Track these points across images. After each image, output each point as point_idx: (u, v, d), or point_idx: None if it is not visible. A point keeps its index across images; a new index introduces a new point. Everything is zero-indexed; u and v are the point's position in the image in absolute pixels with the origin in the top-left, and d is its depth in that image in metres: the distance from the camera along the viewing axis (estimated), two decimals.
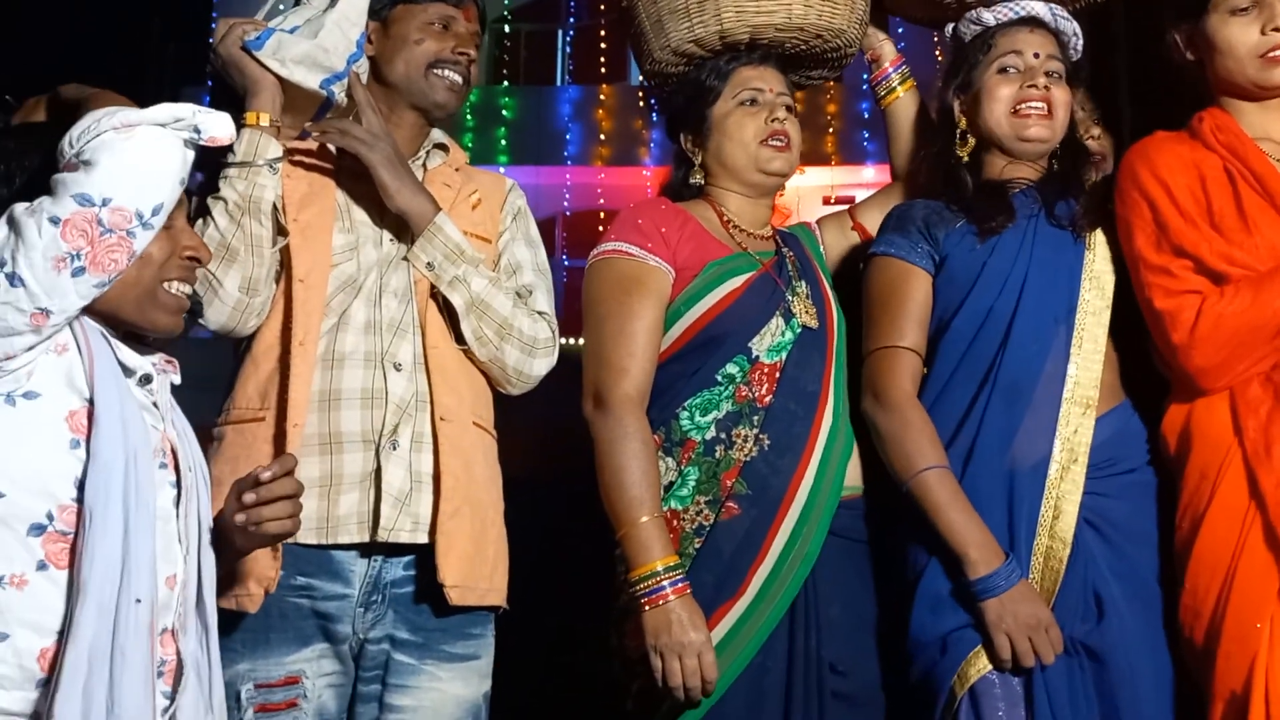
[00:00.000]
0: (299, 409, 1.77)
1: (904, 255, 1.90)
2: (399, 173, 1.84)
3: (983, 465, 1.79)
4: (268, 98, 1.85)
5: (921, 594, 1.79)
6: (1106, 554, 1.79)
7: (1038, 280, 1.84)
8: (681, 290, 1.90)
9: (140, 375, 1.42)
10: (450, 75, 1.94)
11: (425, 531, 1.79)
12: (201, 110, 1.38)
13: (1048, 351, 1.82)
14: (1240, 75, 1.83)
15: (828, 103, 9.36)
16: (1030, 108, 1.90)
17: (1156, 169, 1.80)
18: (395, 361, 1.82)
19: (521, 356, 1.89)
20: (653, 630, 1.73)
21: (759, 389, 1.87)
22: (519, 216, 2.03)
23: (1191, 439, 1.75)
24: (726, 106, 1.99)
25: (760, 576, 1.80)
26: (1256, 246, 1.73)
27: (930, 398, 1.86)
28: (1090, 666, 1.75)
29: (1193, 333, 1.71)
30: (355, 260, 1.86)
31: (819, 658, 1.81)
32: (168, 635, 1.38)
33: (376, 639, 1.79)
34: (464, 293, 1.85)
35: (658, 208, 1.98)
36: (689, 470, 1.85)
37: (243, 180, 1.82)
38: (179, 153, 1.36)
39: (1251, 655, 1.62)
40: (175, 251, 1.44)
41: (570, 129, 9.74)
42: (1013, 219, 1.87)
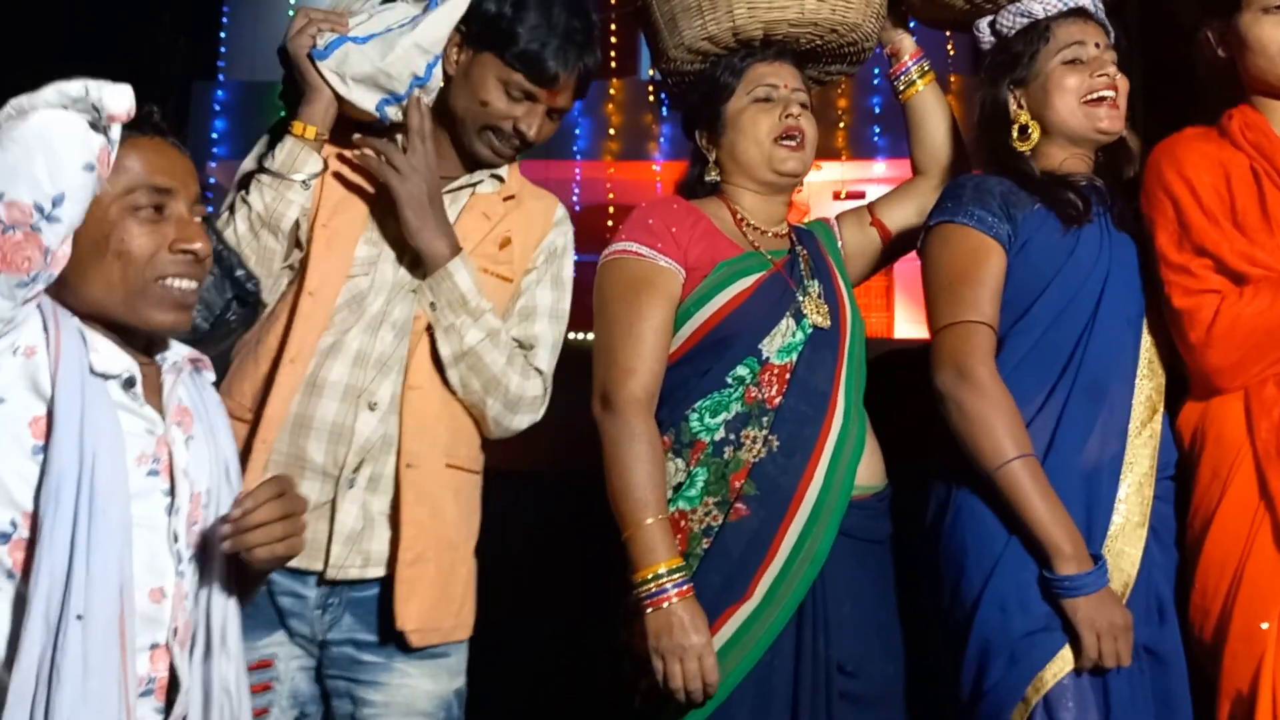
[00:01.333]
0: (271, 427, 1.77)
1: (986, 229, 1.82)
2: (423, 212, 1.80)
3: (1061, 461, 1.75)
4: (320, 110, 1.81)
5: (990, 594, 1.74)
6: (1162, 556, 1.78)
7: (1117, 280, 1.82)
8: (692, 290, 1.89)
9: (124, 378, 1.34)
10: (500, 144, 1.86)
11: (377, 567, 1.78)
12: (96, 84, 1.24)
13: (1123, 352, 1.81)
14: (1272, 74, 1.81)
15: (838, 97, 9.33)
16: (1101, 96, 1.87)
17: (1182, 167, 1.79)
18: (371, 401, 1.80)
19: (503, 411, 1.87)
20: (655, 632, 1.73)
21: (769, 390, 1.86)
22: (553, 257, 1.97)
23: (1205, 438, 1.75)
24: (741, 103, 1.98)
25: (768, 578, 1.80)
26: (1279, 248, 1.72)
27: None
28: (1150, 669, 1.74)
29: (1210, 332, 1.71)
30: (371, 276, 1.84)
31: (827, 658, 1.80)
32: (160, 651, 1.34)
33: (338, 641, 1.79)
34: (455, 343, 1.82)
35: (669, 207, 1.97)
36: (697, 471, 1.84)
37: (273, 190, 1.79)
38: (78, 136, 1.23)
39: (1258, 655, 1.63)
40: (165, 245, 1.35)
41: (580, 123, 9.71)
42: (1090, 212, 1.84)
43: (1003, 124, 1.93)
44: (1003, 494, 1.72)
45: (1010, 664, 1.71)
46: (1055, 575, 1.69)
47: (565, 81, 1.85)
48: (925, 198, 2.05)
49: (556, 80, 1.83)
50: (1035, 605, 1.71)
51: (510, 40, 1.81)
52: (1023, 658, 1.70)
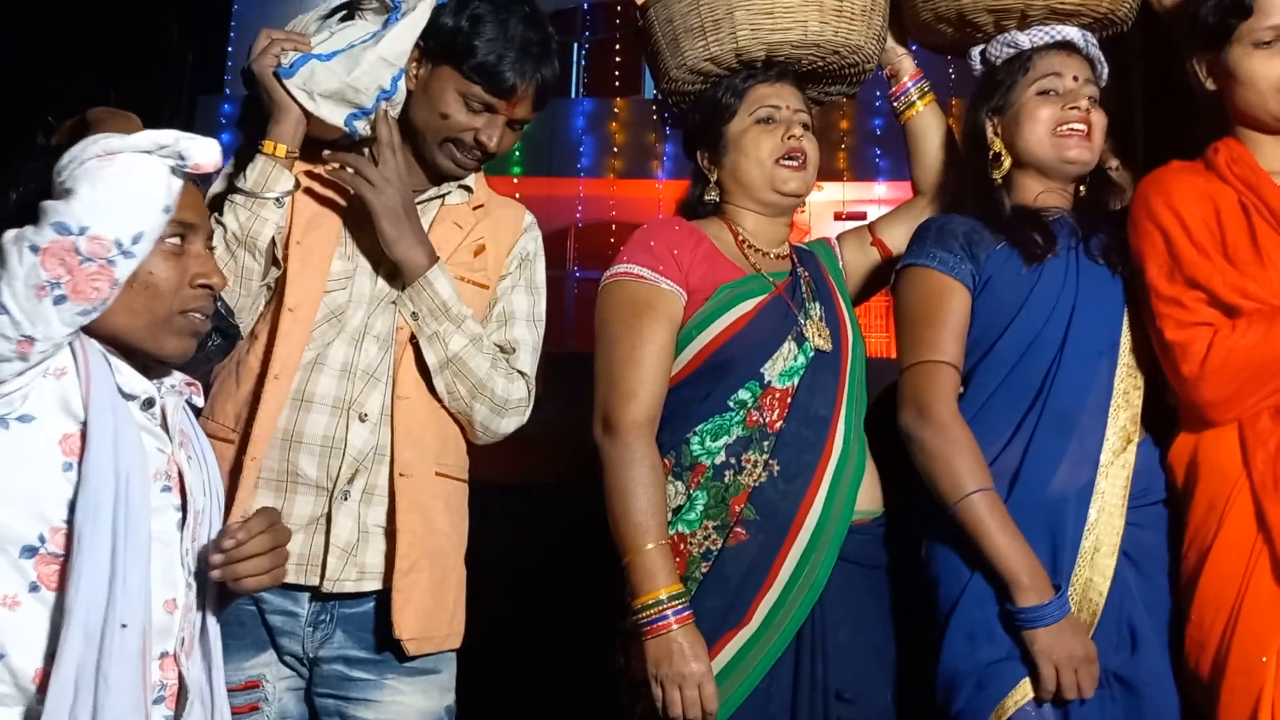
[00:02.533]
0: (260, 443, 1.77)
1: (948, 270, 1.86)
2: (400, 223, 1.81)
3: (1027, 492, 1.77)
4: (289, 128, 1.83)
5: (957, 622, 1.77)
6: (1139, 583, 1.78)
7: (1085, 311, 1.83)
8: (693, 313, 1.89)
9: (143, 399, 1.41)
10: (462, 156, 1.88)
11: (373, 580, 1.79)
12: (186, 136, 1.34)
13: (1093, 384, 1.81)
14: (1261, 109, 1.81)
15: (840, 119, 9.38)
16: (1071, 129, 1.89)
17: (1171, 200, 1.79)
18: (362, 412, 1.81)
19: (490, 415, 1.88)
20: (654, 659, 1.72)
21: (770, 414, 1.86)
22: (525, 262, 1.99)
23: (1199, 470, 1.74)
24: (743, 124, 1.99)
25: (767, 604, 1.79)
26: (1270, 280, 1.72)
27: (966, 417, 1.82)
28: (1122, 698, 1.74)
29: (1203, 365, 1.70)
30: (349, 290, 1.85)
31: (825, 684, 1.79)
32: (169, 660, 1.38)
33: (329, 658, 1.79)
34: (439, 350, 1.83)
35: (670, 229, 1.96)
36: (697, 494, 1.84)
37: (246, 210, 1.80)
38: (162, 180, 1.33)
39: (1257, 689, 1.61)
40: (187, 280, 1.42)
41: (584, 141, 9.76)
42: (1055, 246, 1.86)
43: (980, 150, 1.96)
44: (963, 528, 1.75)
45: (976, 690, 1.73)
46: (1015, 607, 1.71)
47: (523, 92, 1.87)
48: (925, 217, 2.07)
49: (514, 91, 1.85)
50: (1001, 636, 1.73)
51: (468, 53, 1.83)
52: (988, 684, 1.72)
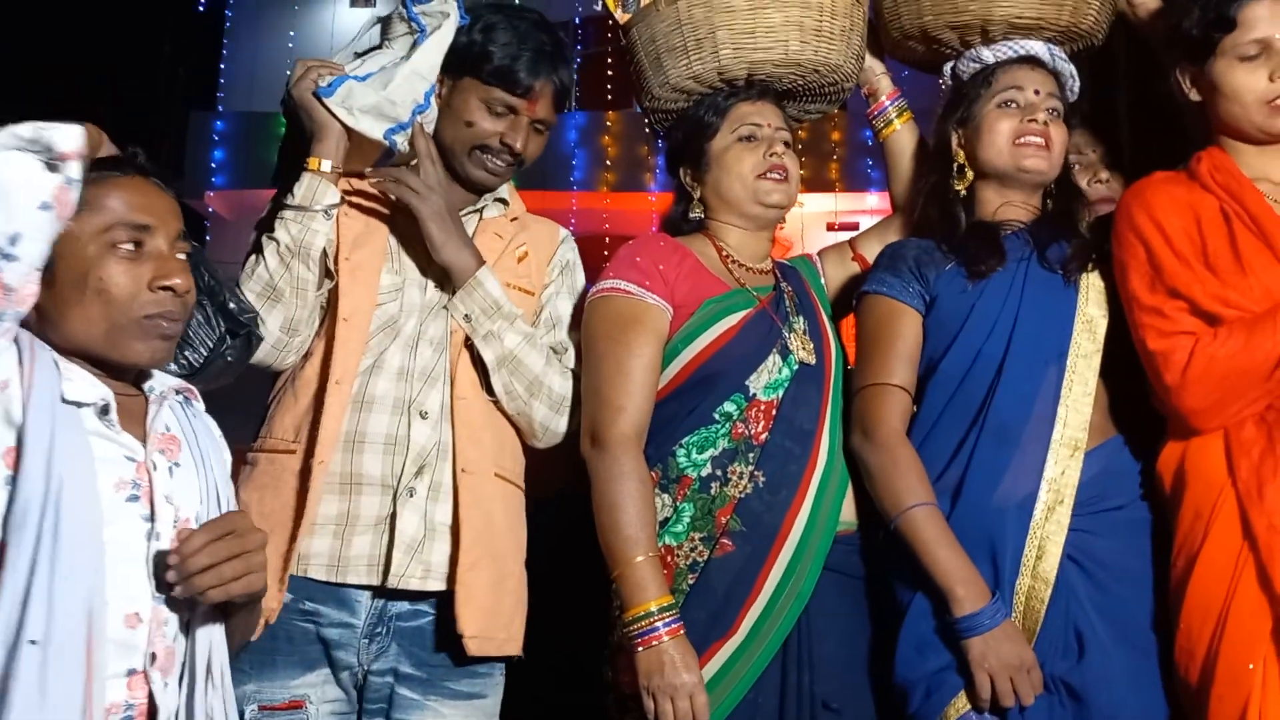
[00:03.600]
0: (327, 446, 1.80)
1: (895, 294, 1.91)
2: (446, 226, 1.87)
3: (969, 504, 1.79)
4: (331, 145, 1.90)
5: (906, 632, 1.79)
6: (1091, 591, 1.78)
7: (1029, 323, 1.85)
8: (679, 327, 1.90)
9: (99, 405, 1.36)
10: (492, 162, 1.95)
11: (437, 579, 1.81)
12: (46, 126, 1.27)
13: (1037, 394, 1.82)
14: (1245, 121, 1.82)
15: (831, 130, 9.41)
16: (1029, 140, 1.92)
17: (1152, 210, 1.80)
18: (422, 410, 1.85)
19: (549, 414, 1.92)
20: (646, 671, 1.72)
21: (755, 426, 1.87)
22: (566, 270, 2.06)
23: (1186, 478, 1.75)
24: (725, 141, 2.00)
25: (753, 614, 1.80)
26: (1251, 288, 1.72)
27: (918, 438, 1.87)
28: (1070, 705, 1.75)
29: (1185, 374, 1.71)
30: (399, 301, 1.90)
31: (812, 694, 1.80)
32: (137, 678, 1.33)
33: (380, 671, 1.81)
34: (496, 348, 1.88)
35: (655, 244, 1.98)
36: (684, 506, 1.85)
37: (297, 224, 1.87)
38: (33, 176, 1.25)
39: (1244, 697, 1.61)
40: (144, 282, 1.38)
41: (576, 154, 9.79)
42: (1002, 262, 1.88)
43: (945, 163, 2.00)
44: (904, 542, 1.78)
45: (924, 699, 1.76)
46: (952, 617, 1.73)
47: (541, 90, 1.95)
48: (904, 233, 2.09)
49: (532, 90, 1.93)
50: (942, 646, 1.76)
51: (485, 59, 1.93)
52: (934, 692, 1.75)
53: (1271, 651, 1.61)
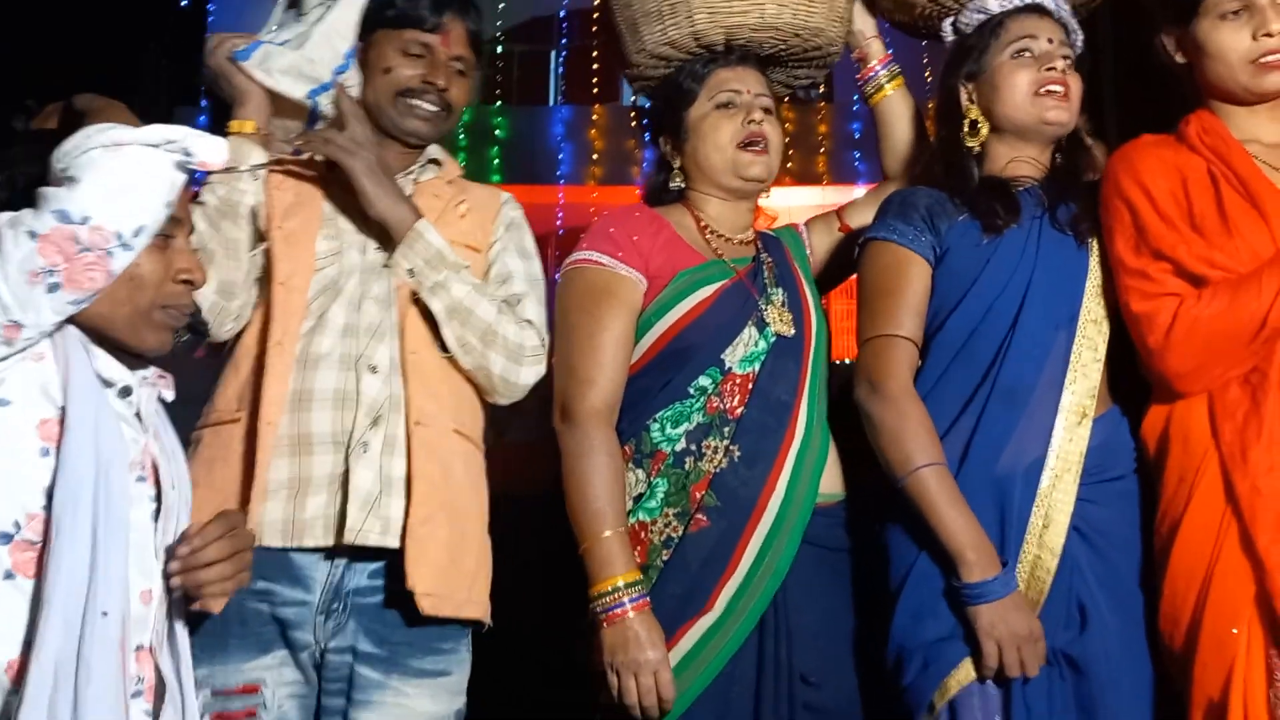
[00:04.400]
0: (273, 406, 1.75)
1: (906, 242, 1.84)
2: (379, 180, 1.83)
3: (976, 467, 1.75)
4: (253, 107, 1.88)
5: (905, 600, 1.75)
6: (1093, 561, 1.75)
7: (1043, 283, 1.80)
8: (653, 299, 1.87)
9: (120, 387, 1.39)
10: (421, 105, 1.92)
11: (395, 536, 1.75)
12: (194, 133, 1.36)
13: (1047, 357, 1.78)
14: (1231, 80, 1.80)
15: (819, 123, 9.40)
16: (1050, 90, 1.85)
17: (1138, 173, 1.78)
18: (371, 364, 1.80)
19: (508, 364, 1.86)
20: (610, 647, 1.70)
21: (730, 400, 1.84)
22: (512, 227, 2.00)
23: (1170, 442, 1.73)
24: (703, 109, 1.97)
25: (729, 590, 1.77)
26: (1237, 249, 1.70)
27: (922, 392, 1.80)
28: (1070, 677, 1.72)
29: (1169, 336, 1.69)
30: (338, 265, 1.85)
31: (790, 668, 1.77)
32: (144, 652, 1.36)
33: (339, 649, 1.75)
34: (444, 298, 1.83)
35: (631, 216, 1.95)
36: (658, 482, 1.82)
37: (224, 186, 1.84)
38: (167, 175, 1.34)
39: (1229, 661, 1.60)
40: (170, 274, 1.42)
41: (563, 148, 9.77)
42: (1018, 217, 1.83)
43: (955, 119, 1.93)
44: (912, 503, 1.72)
45: (922, 669, 1.71)
46: (960, 582, 1.69)
47: (451, 25, 1.94)
48: None
49: (441, 25, 1.93)
50: (945, 613, 1.71)
51: (390, 6, 1.93)
52: (932, 662, 1.71)
53: (1255, 616, 1.60)
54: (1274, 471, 1.61)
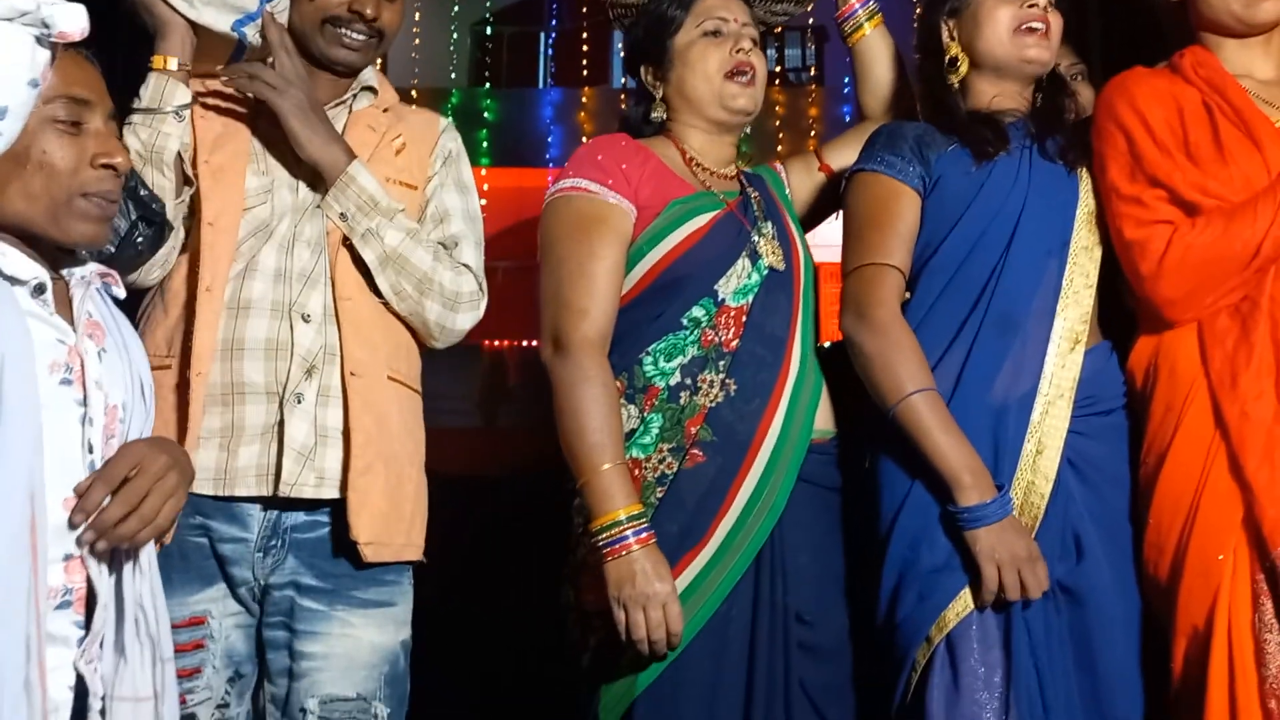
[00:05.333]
0: (203, 357, 1.72)
1: (895, 173, 1.83)
2: (310, 121, 1.77)
3: (969, 396, 1.74)
4: (176, 41, 1.79)
5: (899, 531, 1.74)
6: (1085, 494, 1.75)
7: (1035, 210, 1.80)
8: (643, 229, 1.84)
9: (34, 284, 1.33)
10: (348, 34, 1.84)
11: (332, 487, 1.74)
12: (48, 2, 1.24)
13: (1039, 284, 1.78)
14: (1224, 12, 1.79)
15: (809, 106, 9.36)
16: (1031, 27, 1.85)
17: (1134, 100, 1.78)
18: (304, 312, 1.77)
19: (444, 311, 1.84)
20: (615, 581, 1.67)
21: (725, 333, 1.82)
22: (450, 160, 1.95)
23: (1159, 372, 1.73)
24: (689, 36, 1.93)
25: (726, 525, 1.75)
26: (1231, 178, 1.70)
27: (913, 322, 1.80)
28: (1066, 608, 1.72)
29: (1161, 263, 1.69)
30: (269, 204, 1.81)
31: (785, 607, 1.76)
32: (74, 562, 1.30)
33: (279, 584, 1.75)
34: (376, 247, 1.79)
35: (617, 144, 1.92)
36: (652, 417, 1.80)
37: (146, 128, 1.76)
38: (25, 50, 1.23)
39: (1214, 588, 1.61)
40: (85, 159, 1.35)
41: (552, 131, 9.70)
42: (1007, 145, 1.83)
43: (936, 56, 1.92)
44: (904, 430, 1.72)
45: (918, 601, 1.71)
46: (956, 507, 1.68)
47: None
48: None
49: None
50: (941, 541, 1.71)
51: None
52: (929, 595, 1.70)
53: (1242, 540, 1.61)
54: (1263, 397, 1.63)
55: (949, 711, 1.66)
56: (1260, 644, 1.57)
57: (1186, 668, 1.65)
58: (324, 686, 1.73)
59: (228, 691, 1.74)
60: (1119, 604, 1.73)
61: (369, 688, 1.75)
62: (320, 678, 1.74)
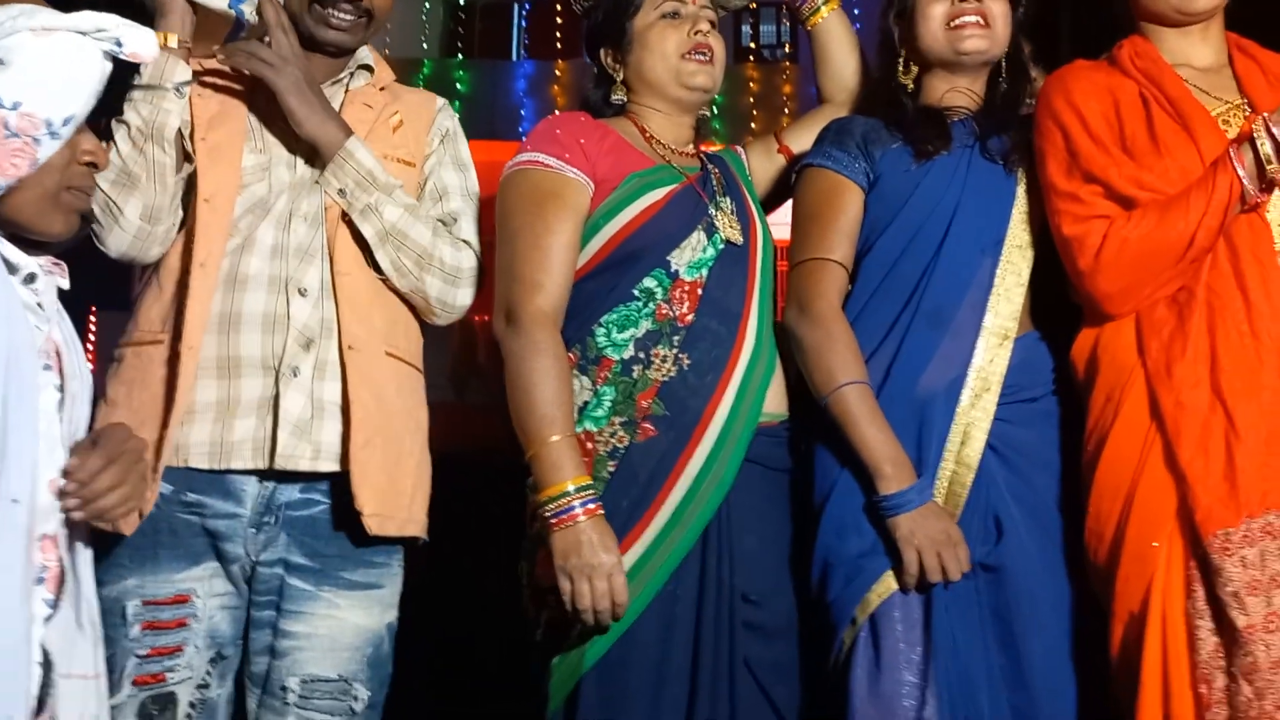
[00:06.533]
0: (195, 331, 1.72)
1: (839, 168, 1.89)
2: (307, 98, 1.78)
3: (898, 387, 1.80)
4: (176, 19, 1.80)
5: (828, 516, 1.79)
6: (1008, 478, 1.80)
7: (970, 208, 1.85)
8: (601, 203, 1.85)
9: (25, 273, 1.37)
10: (335, 16, 1.85)
11: (329, 460, 1.75)
12: (125, 23, 1.34)
13: (971, 280, 1.83)
14: (1163, 2, 1.83)
15: (783, 84, 9.36)
16: (964, 21, 1.88)
17: (1070, 96, 1.80)
18: (300, 287, 1.78)
19: (444, 287, 1.85)
20: (562, 551, 1.68)
21: (679, 307, 1.83)
22: (447, 139, 1.96)
23: (1099, 363, 1.76)
24: (648, 19, 1.95)
25: (674, 500, 1.77)
26: (1167, 169, 1.73)
27: (851, 315, 1.85)
28: (987, 588, 1.77)
29: (1098, 257, 1.72)
30: (266, 181, 1.81)
31: (731, 586, 1.78)
32: (49, 541, 1.34)
33: (269, 562, 1.76)
34: (375, 222, 1.80)
35: (576, 119, 1.93)
36: (605, 390, 1.81)
37: (147, 104, 1.76)
38: (97, 64, 1.32)
39: (1149, 575, 1.65)
40: (75, 156, 1.40)
41: (525, 104, 9.65)
42: (949, 144, 1.88)
43: (891, 57, 1.97)
44: (834, 420, 1.77)
45: (845, 584, 1.77)
46: (878, 495, 1.74)
47: None
48: None
49: None
50: (867, 528, 1.77)
51: None
52: (854, 577, 1.76)
53: (1176, 528, 1.64)
54: (1198, 387, 1.66)
55: (871, 688, 1.72)
56: (1192, 629, 1.61)
57: (1124, 650, 1.68)
58: (305, 666, 1.75)
59: (209, 672, 1.74)
60: (1046, 584, 1.78)
61: (351, 669, 1.77)
62: (302, 657, 1.75)
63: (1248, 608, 1.57)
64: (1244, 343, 1.66)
